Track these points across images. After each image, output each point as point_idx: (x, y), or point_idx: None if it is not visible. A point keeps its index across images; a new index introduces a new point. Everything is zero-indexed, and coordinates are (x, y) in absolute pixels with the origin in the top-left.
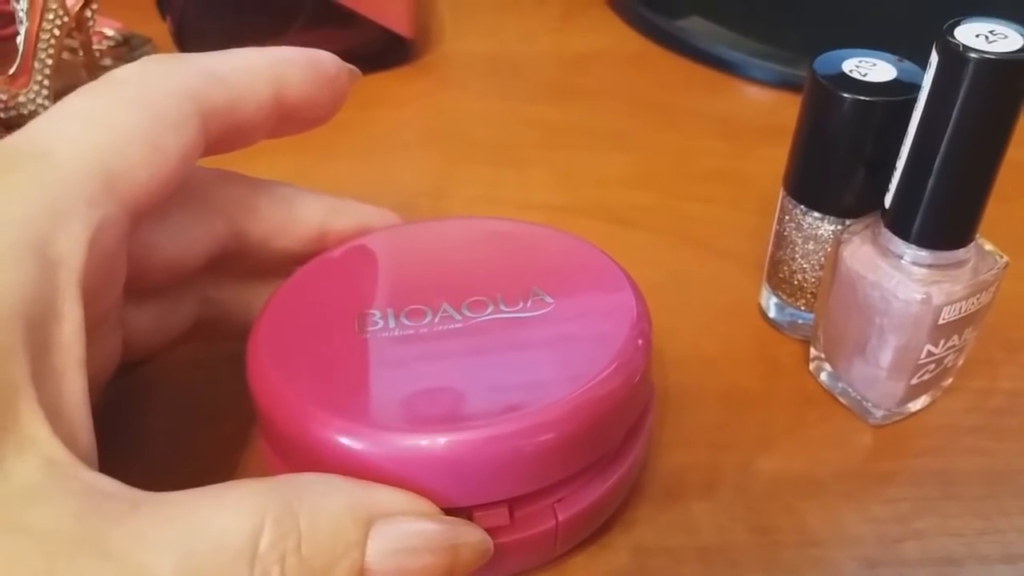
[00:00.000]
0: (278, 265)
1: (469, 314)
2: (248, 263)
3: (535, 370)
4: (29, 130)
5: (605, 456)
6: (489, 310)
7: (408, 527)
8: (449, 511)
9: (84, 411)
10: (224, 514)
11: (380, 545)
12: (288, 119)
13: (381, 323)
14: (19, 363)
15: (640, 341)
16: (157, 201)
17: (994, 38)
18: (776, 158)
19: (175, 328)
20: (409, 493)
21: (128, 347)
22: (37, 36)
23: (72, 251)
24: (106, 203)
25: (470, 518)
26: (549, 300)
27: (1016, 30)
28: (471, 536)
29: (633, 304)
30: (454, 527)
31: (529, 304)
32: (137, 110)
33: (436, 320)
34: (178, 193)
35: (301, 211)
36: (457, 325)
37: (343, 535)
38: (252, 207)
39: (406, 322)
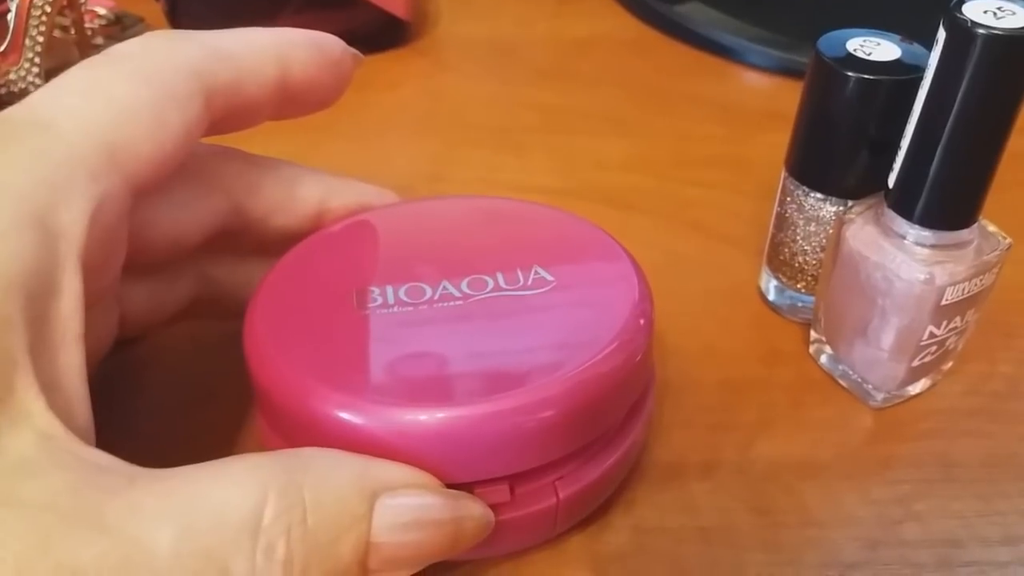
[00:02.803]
0: (277, 243)
1: (469, 291)
2: (247, 240)
3: (536, 347)
4: (31, 102)
5: (606, 435)
6: (489, 287)
7: (412, 500)
8: (450, 487)
9: (81, 386)
10: (225, 487)
11: (385, 518)
12: (292, 101)
13: (380, 299)
14: (17, 335)
15: (642, 320)
16: (159, 177)
17: (1002, 14)
18: (775, 143)
19: (172, 305)
20: (412, 467)
21: (124, 323)
22: (28, 13)
23: (73, 224)
24: (108, 177)
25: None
26: (550, 278)
27: None
28: (474, 510)
29: (635, 283)
30: (457, 500)
31: (530, 282)
32: (141, 84)
33: (436, 297)
34: (179, 169)
35: (301, 189)
36: (457, 302)
37: (348, 508)
38: (252, 184)
39: (405, 298)
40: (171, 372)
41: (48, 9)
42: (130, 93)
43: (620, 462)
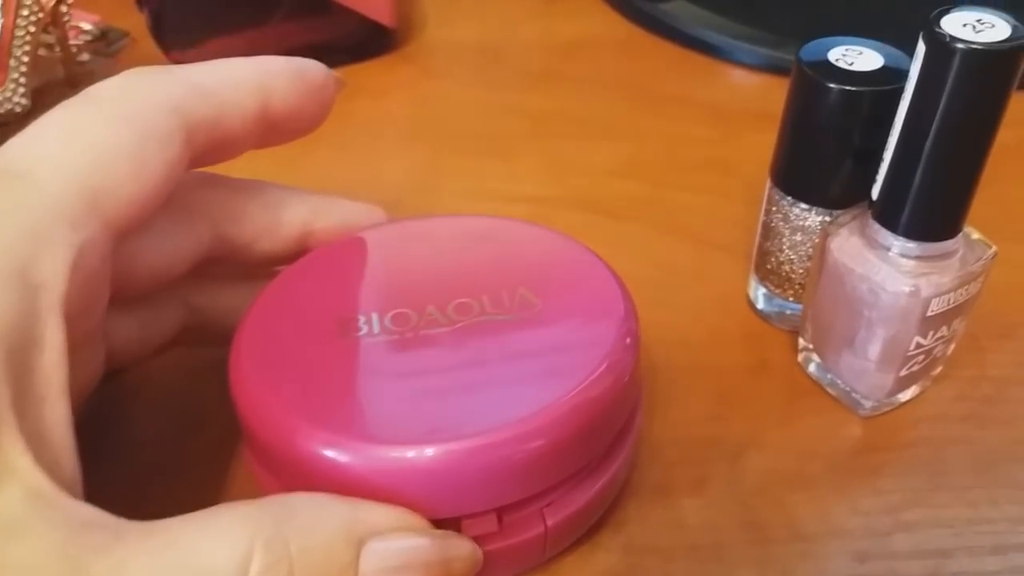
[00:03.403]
0: (262, 267)
1: (455, 317)
2: (232, 267)
3: (522, 375)
4: (6, 151)
5: (595, 458)
6: (474, 312)
7: (400, 544)
8: (437, 521)
9: (67, 437)
10: (211, 541)
11: (372, 564)
12: (274, 130)
13: (365, 328)
14: (0, 392)
15: (628, 340)
16: (142, 217)
17: (981, 27)
18: (764, 144)
19: (159, 336)
20: (400, 509)
21: (111, 356)
22: (12, 33)
23: (54, 276)
24: (89, 224)
25: (458, 527)
26: (536, 301)
27: (1003, 19)
28: (462, 549)
29: (620, 301)
30: (445, 541)
31: (516, 306)
32: (120, 125)
33: (421, 324)
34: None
35: (285, 213)
36: (443, 329)
37: (335, 558)
38: (235, 211)
39: (391, 327)
40: (159, 401)
41: (32, 29)
42: (109, 135)
43: (609, 484)
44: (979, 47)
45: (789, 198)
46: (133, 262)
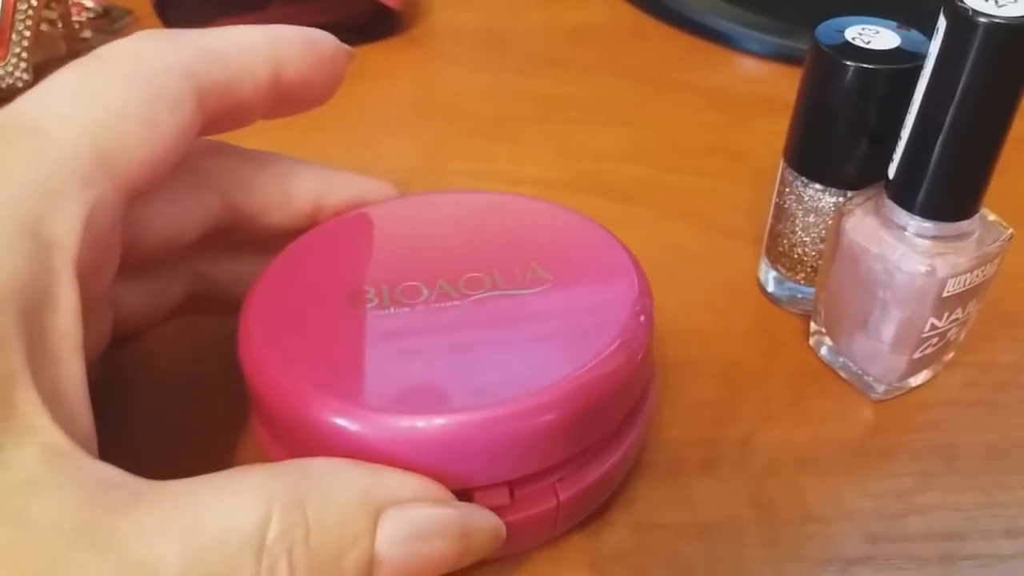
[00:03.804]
0: (272, 238)
1: (466, 291)
2: (242, 236)
3: (536, 349)
4: (17, 107)
5: (607, 435)
6: (486, 286)
7: (419, 513)
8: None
9: (83, 396)
10: (230, 504)
11: (390, 532)
12: (285, 100)
13: (376, 300)
14: (15, 349)
15: (642, 318)
16: (152, 181)
17: (1004, 2)
18: (773, 131)
19: (166, 303)
20: (421, 477)
21: (118, 323)
22: (15, 8)
23: (67, 233)
24: (101, 183)
25: (470, 499)
26: (547, 276)
27: None
28: (483, 521)
29: (634, 279)
30: (466, 512)
31: (527, 281)
32: (132, 86)
33: (432, 297)
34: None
35: (296, 185)
36: (454, 303)
37: (352, 525)
38: (246, 181)
39: (402, 299)
40: (167, 373)
41: (34, 3)
42: (121, 95)
43: (621, 461)
44: (1002, 21)
45: (803, 179)
46: (142, 228)
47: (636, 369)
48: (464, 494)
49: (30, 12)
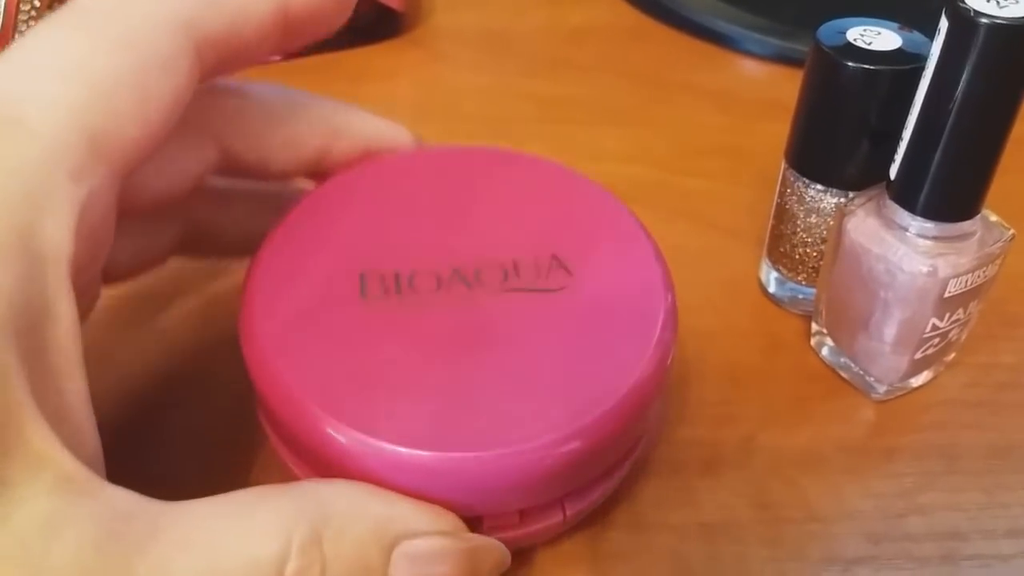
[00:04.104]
0: (274, 183)
1: (483, 285)
2: (241, 182)
3: (559, 374)
4: None
5: (621, 457)
6: (504, 283)
7: (430, 545)
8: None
9: (87, 412)
10: (249, 540)
11: (402, 566)
12: (293, 33)
13: (388, 289)
14: (16, 378)
15: (669, 341)
16: (147, 155)
17: (1005, 3)
18: (775, 133)
19: (158, 252)
20: (433, 508)
21: (107, 275)
22: (17, 8)
23: (60, 240)
24: (92, 172)
25: (480, 522)
26: (569, 271)
27: None
28: (492, 552)
29: (661, 290)
30: (475, 544)
31: (548, 276)
32: (120, 51)
33: (446, 291)
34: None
35: (302, 130)
36: (470, 300)
37: (366, 559)
38: (244, 126)
39: (415, 287)
40: (167, 364)
41: (37, 3)
42: (108, 64)
43: (628, 472)
44: (1003, 22)
45: (804, 179)
46: (134, 188)
47: (657, 394)
48: (473, 519)
49: (33, 12)
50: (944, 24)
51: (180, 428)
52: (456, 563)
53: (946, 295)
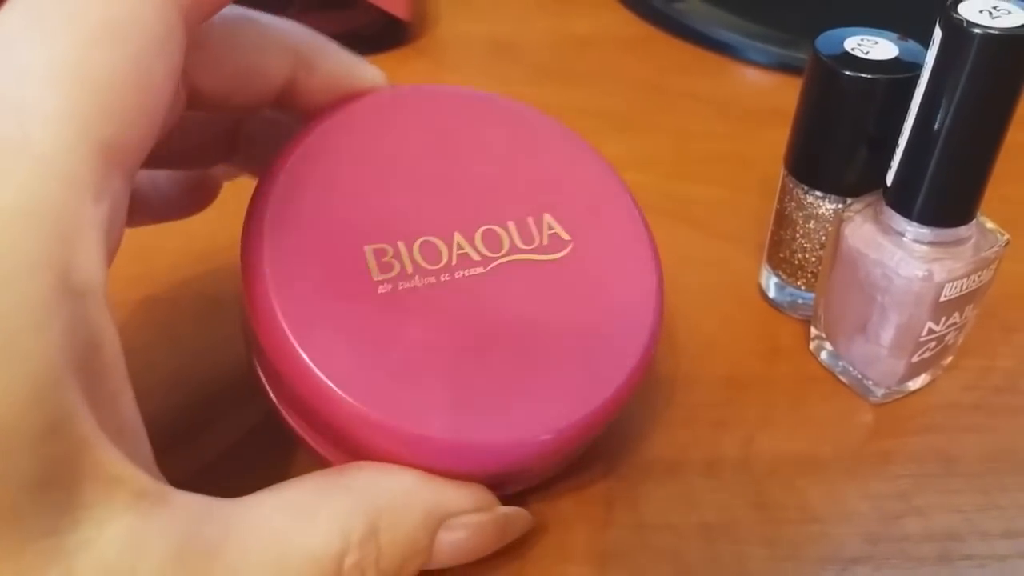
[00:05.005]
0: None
1: (486, 252)
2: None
3: (566, 362)
4: None
5: None
6: (506, 247)
7: (470, 521)
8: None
9: (139, 422)
10: (313, 540)
11: (444, 539)
12: None
13: (397, 266)
14: (81, 413)
15: (656, 318)
16: (152, 144)
17: (998, 13)
18: (775, 140)
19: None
20: (473, 487)
21: None
22: None
23: (94, 271)
24: (110, 185)
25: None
26: (566, 236)
27: (1020, 5)
28: (520, 520)
29: (648, 251)
30: (509, 516)
31: (546, 240)
32: (114, 41)
33: (454, 262)
34: None
35: (267, 60)
36: (477, 270)
37: (416, 542)
38: (207, 62)
39: (423, 264)
40: (171, 334)
41: None
42: (104, 60)
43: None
44: (996, 32)
45: (803, 186)
46: None
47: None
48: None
49: None
50: (938, 34)
51: (182, 427)
52: (490, 531)
53: (942, 299)
